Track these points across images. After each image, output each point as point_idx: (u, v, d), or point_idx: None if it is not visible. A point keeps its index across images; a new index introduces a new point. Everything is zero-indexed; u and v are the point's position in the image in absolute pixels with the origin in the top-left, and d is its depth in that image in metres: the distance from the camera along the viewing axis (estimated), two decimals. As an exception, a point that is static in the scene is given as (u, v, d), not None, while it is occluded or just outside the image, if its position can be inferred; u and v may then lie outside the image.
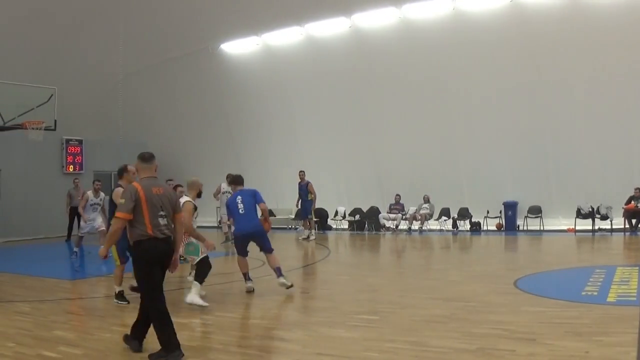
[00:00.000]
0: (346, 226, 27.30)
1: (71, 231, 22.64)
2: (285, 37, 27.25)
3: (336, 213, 27.43)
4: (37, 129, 21.69)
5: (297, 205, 24.78)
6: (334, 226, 27.75)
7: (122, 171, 10.76)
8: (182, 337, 7.96)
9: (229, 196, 15.67)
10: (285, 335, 8.03)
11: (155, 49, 30.42)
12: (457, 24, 23.03)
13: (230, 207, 12.35)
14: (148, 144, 30.68)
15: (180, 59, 30.24)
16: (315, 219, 24.17)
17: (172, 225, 7.55)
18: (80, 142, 29.50)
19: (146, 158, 7.74)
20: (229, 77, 29.69)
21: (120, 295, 10.78)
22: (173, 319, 8.49)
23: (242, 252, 12.09)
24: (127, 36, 29.50)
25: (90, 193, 18.30)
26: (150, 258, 7.30)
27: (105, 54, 30.47)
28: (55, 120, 22.45)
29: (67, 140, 28.95)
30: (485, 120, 23.88)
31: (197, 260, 10.65)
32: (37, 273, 15.40)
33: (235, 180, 12.91)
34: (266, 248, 12.00)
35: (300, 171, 23.25)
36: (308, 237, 22.76)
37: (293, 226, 28.77)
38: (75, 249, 18.27)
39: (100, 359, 7.31)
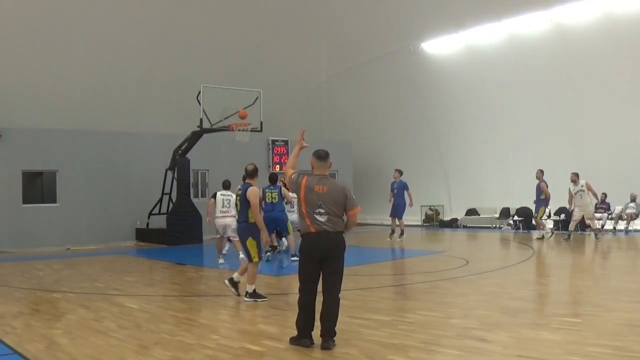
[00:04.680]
0: (551, 225, 26.68)
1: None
2: (485, 36, 27.03)
3: (542, 212, 26.89)
4: (243, 130, 22.63)
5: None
6: (539, 225, 27.22)
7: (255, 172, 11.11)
8: (383, 334, 8.23)
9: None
10: (487, 336, 7.95)
11: (357, 49, 31.06)
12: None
13: None
14: (352, 144, 31.32)
15: (382, 58, 30.70)
16: (518, 219, 23.59)
17: (338, 221, 7.77)
18: (285, 142, 30.53)
19: (322, 156, 8.10)
20: (431, 76, 29.79)
21: (254, 294, 10.99)
22: (377, 317, 8.75)
23: None
24: (329, 38, 30.30)
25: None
26: (306, 251, 7.78)
27: (309, 56, 31.45)
28: (261, 122, 23.39)
29: (273, 141, 30.07)
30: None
31: None
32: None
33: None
34: None
35: (539, 170, 21.94)
36: (543, 236, 22.06)
37: (497, 225, 28.43)
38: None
39: (302, 353, 7.51)
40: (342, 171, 30.45)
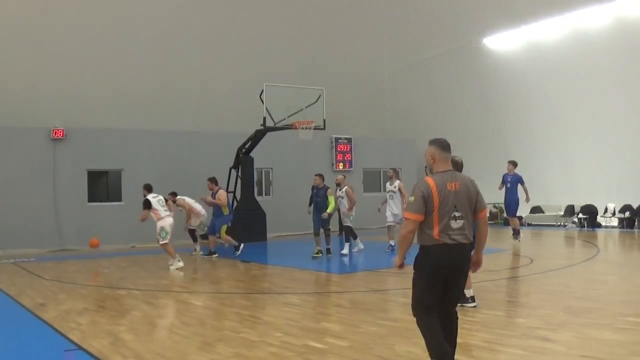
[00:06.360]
0: (616, 224, 26.23)
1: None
2: (547, 31, 26.77)
3: (606, 210, 26.44)
4: (307, 128, 22.81)
5: None
6: (604, 223, 26.76)
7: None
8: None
9: None
10: (550, 336, 7.92)
11: (420, 46, 31.03)
12: None
13: None
14: (416, 141, 31.26)
15: (445, 55, 30.65)
16: (583, 216, 23.22)
17: (470, 228, 6.36)
18: (349, 140, 30.58)
19: (445, 146, 6.44)
20: (493, 72, 29.59)
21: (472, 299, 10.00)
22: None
23: None
24: (391, 35, 30.33)
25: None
26: (432, 267, 6.25)
27: (371, 54, 31.52)
28: (324, 120, 23.49)
29: (337, 139, 30.13)
30: None
31: None
32: (307, 266, 16.27)
33: None
34: None
35: None
36: None
37: (562, 223, 28.05)
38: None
39: (365, 351, 7.52)
40: (406, 168, 30.38)
